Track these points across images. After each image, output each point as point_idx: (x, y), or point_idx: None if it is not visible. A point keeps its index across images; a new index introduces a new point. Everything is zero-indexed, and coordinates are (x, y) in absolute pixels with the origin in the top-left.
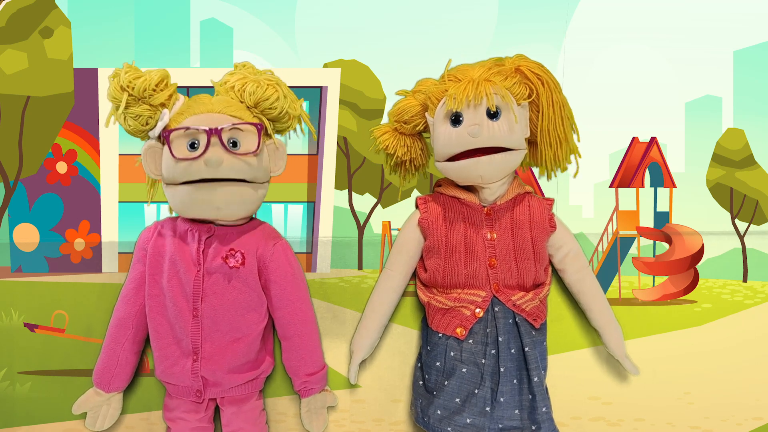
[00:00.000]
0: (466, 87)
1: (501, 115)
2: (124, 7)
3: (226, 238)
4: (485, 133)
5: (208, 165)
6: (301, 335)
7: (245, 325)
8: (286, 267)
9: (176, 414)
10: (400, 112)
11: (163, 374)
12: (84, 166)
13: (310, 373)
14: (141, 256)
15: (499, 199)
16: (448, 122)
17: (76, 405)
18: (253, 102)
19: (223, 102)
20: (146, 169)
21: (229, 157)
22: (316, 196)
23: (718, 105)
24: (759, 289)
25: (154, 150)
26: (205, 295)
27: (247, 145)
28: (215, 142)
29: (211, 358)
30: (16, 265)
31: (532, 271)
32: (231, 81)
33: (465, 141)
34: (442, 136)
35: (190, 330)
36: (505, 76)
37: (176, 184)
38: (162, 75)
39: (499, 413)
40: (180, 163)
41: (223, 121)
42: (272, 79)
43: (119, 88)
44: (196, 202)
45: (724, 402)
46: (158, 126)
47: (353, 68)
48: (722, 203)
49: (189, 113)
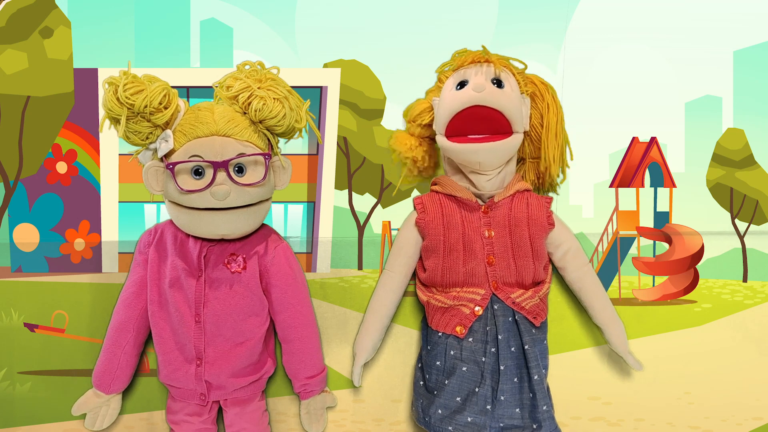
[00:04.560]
0: (476, 52)
1: (504, 86)
2: (124, 7)
3: (227, 244)
4: (488, 91)
5: (215, 197)
6: (301, 338)
7: (248, 330)
8: (287, 270)
9: (180, 417)
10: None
11: (166, 378)
12: (84, 166)
13: (310, 375)
14: (141, 260)
15: (497, 195)
16: (454, 89)
17: (76, 406)
18: (258, 119)
19: (226, 118)
20: (148, 186)
21: (236, 188)
22: (316, 196)
23: (718, 105)
24: (759, 289)
25: (156, 169)
26: (207, 300)
27: (253, 171)
28: (220, 175)
29: (215, 363)
30: (16, 265)
31: (531, 268)
32: (235, 88)
33: (468, 97)
34: (446, 98)
35: (192, 335)
36: (513, 68)
37: (180, 205)
38: (164, 90)
39: (499, 412)
40: (184, 195)
41: (227, 148)
42: (279, 93)
43: (116, 101)
44: (200, 225)
45: (724, 402)
46: (162, 147)
47: (353, 68)
48: (722, 203)
49: (192, 134)
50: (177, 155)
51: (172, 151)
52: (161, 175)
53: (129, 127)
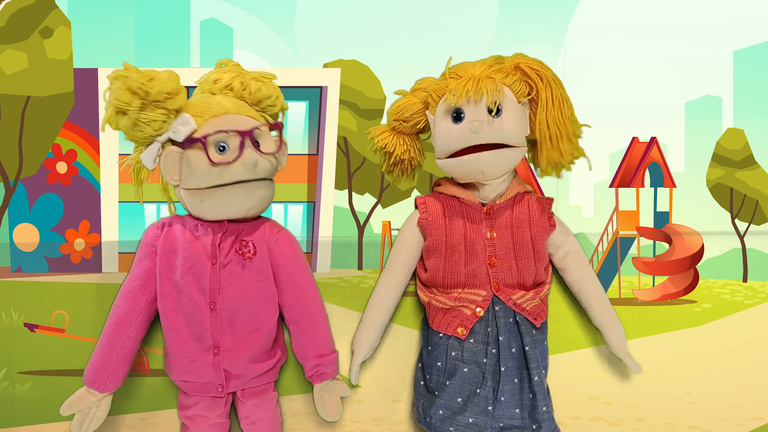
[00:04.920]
0: (467, 83)
1: (502, 112)
2: (124, 7)
3: (237, 232)
4: (486, 130)
5: (245, 167)
6: (309, 318)
7: (263, 314)
8: (290, 252)
9: (194, 412)
10: (400, 110)
11: (181, 373)
12: (84, 166)
13: (321, 354)
14: (149, 251)
15: (499, 198)
16: (449, 119)
17: (65, 406)
18: (255, 100)
19: (230, 101)
20: (166, 176)
21: (260, 157)
22: (316, 196)
23: (718, 105)
24: (759, 289)
25: (174, 156)
26: (221, 287)
27: (266, 143)
28: (248, 144)
29: (232, 350)
30: (16, 265)
31: (532, 269)
32: (225, 79)
33: (466, 137)
34: (443, 132)
35: (208, 324)
36: (505, 74)
37: (201, 188)
38: (173, 76)
39: (499, 412)
40: (213, 168)
41: (246, 122)
42: (267, 76)
43: (128, 91)
44: (226, 203)
45: (724, 402)
46: (182, 131)
47: (353, 68)
48: (722, 203)
49: (207, 115)
50: (199, 133)
51: (194, 132)
52: (179, 162)
53: (143, 117)
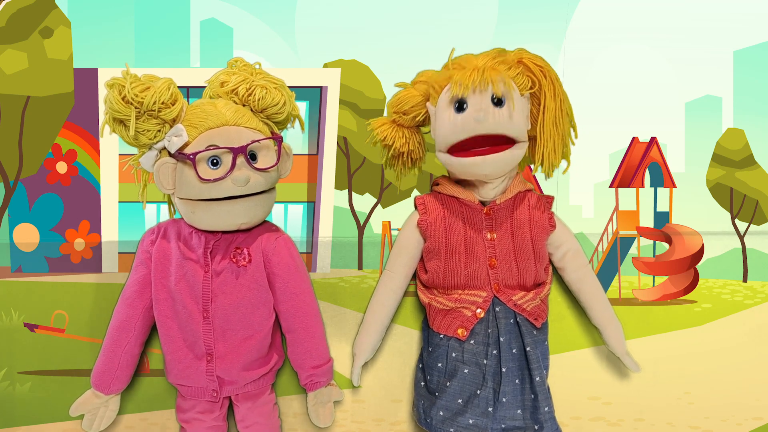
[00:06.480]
0: (471, 73)
1: (505, 103)
2: (124, 7)
3: (232, 238)
4: (490, 120)
5: (236, 184)
6: (306, 327)
7: (256, 322)
8: (288, 260)
9: (191, 415)
10: (400, 102)
11: (176, 377)
12: (84, 166)
13: (316, 365)
14: (144, 258)
15: (499, 197)
16: (452, 109)
17: (74, 407)
18: (260, 107)
19: (232, 109)
20: (159, 185)
21: (253, 173)
22: (316, 196)
23: (718, 105)
24: (759, 289)
25: (167, 167)
26: (214, 295)
27: (264, 157)
28: (240, 160)
29: (225, 358)
30: (16, 265)
31: (533, 270)
32: (232, 82)
33: (470, 127)
34: (446, 122)
35: (201, 332)
36: (508, 66)
37: (193, 200)
38: (170, 86)
39: (501, 413)
40: (205, 183)
41: (242, 135)
42: (276, 82)
43: (122, 100)
44: (218, 217)
45: (724, 402)
46: (174, 142)
47: (353, 68)
48: (722, 203)
49: (203, 127)
50: (191, 147)
51: (186, 144)
52: (172, 172)
53: (138, 126)
